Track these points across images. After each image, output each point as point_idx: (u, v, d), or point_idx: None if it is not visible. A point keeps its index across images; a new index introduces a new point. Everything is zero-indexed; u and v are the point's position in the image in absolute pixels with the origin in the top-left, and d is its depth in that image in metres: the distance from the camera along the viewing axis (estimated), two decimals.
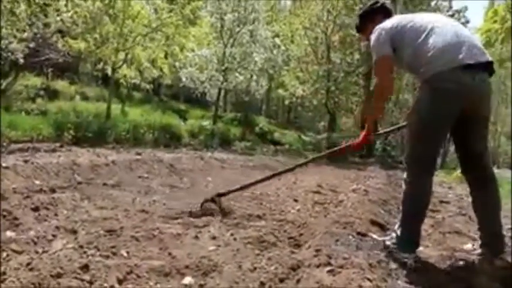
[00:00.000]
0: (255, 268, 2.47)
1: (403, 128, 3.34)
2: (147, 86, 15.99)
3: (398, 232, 2.86)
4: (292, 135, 16.04)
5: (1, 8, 8.80)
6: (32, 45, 11.10)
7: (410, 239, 2.83)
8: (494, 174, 2.91)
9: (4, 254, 2.31)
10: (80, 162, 5.62)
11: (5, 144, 7.67)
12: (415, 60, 2.84)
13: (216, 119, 16.01)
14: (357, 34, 4.18)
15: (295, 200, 4.61)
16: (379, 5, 3.35)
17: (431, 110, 2.72)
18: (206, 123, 15.54)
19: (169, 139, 12.38)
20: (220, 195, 3.86)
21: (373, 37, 3.03)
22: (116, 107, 13.71)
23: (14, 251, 2.37)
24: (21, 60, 10.51)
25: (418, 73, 2.86)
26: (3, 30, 8.99)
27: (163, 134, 12.23)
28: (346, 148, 3.61)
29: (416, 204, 2.83)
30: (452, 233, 3.82)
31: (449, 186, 8.32)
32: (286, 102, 18.22)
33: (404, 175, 2.88)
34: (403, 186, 2.90)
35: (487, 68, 2.74)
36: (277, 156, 11.94)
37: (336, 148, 4.09)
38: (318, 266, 2.45)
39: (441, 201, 5.53)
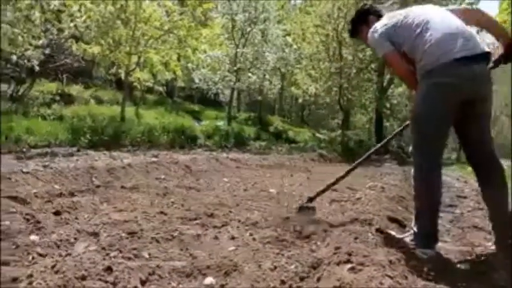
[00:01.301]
0: (275, 267, 2.49)
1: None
2: (161, 89, 16.10)
3: (415, 229, 2.86)
4: (306, 133, 15.99)
5: (16, 15, 8.94)
6: (47, 51, 11.27)
7: (427, 234, 2.81)
8: (500, 164, 2.90)
9: (30, 257, 2.37)
10: (97, 166, 5.69)
11: (24, 149, 7.79)
12: (412, 56, 2.88)
13: (230, 119, 16.05)
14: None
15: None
16: (368, 6, 3.49)
17: (430, 105, 2.75)
18: (220, 123, 15.59)
19: (185, 140, 12.45)
20: (311, 199, 3.90)
21: (370, 38, 3.09)
22: (130, 110, 13.81)
23: (39, 254, 2.42)
24: (37, 67, 10.68)
25: (415, 68, 2.88)
26: (20, 38, 9.12)
27: (178, 136, 12.30)
28: None
29: (428, 199, 2.80)
30: (471, 228, 3.81)
31: (465, 180, 8.26)
32: (300, 100, 18.20)
33: (412, 171, 2.88)
34: (412, 182, 2.88)
35: (485, 58, 2.73)
36: (293, 155, 11.92)
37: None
38: (338, 264, 2.45)
39: (458, 196, 5.50)
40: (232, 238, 3.02)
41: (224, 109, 18.66)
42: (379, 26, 3.05)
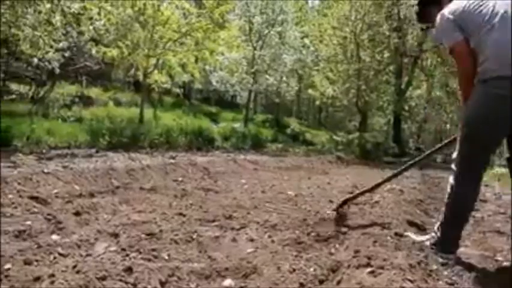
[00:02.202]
0: (294, 270, 2.48)
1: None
2: (178, 91, 16.17)
3: (439, 233, 2.80)
4: (323, 136, 15.94)
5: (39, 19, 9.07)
6: (67, 54, 11.41)
7: (451, 240, 2.77)
8: None
9: (51, 257, 2.40)
10: (116, 167, 5.74)
11: (44, 150, 7.89)
12: (475, 53, 2.55)
13: (247, 121, 16.08)
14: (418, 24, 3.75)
15: (331, 201, 4.59)
16: None
17: (483, 115, 2.52)
18: (237, 125, 15.62)
19: (202, 142, 12.49)
20: (345, 202, 3.91)
21: (437, 24, 2.73)
22: (148, 112, 13.90)
23: (60, 254, 2.45)
24: (58, 70, 10.81)
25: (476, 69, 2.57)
26: (40, 40, 9.25)
27: (195, 138, 12.34)
28: None
29: (460, 208, 2.73)
30: (492, 232, 3.75)
31: (486, 184, 8.13)
32: (317, 102, 18.14)
33: (451, 178, 2.74)
34: (448, 189, 2.76)
35: None
36: (310, 157, 11.88)
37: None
38: (357, 267, 2.44)
39: (479, 200, 5.41)
40: (251, 240, 3.03)
41: (241, 111, 18.69)
42: (452, 8, 2.64)
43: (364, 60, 16.01)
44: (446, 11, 2.65)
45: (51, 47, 10.03)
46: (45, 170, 4.78)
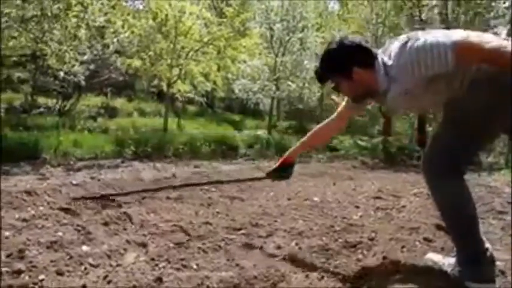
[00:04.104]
0: (323, 277, 2.48)
1: None
2: (201, 99, 16.30)
3: (460, 257, 2.35)
4: (347, 141, 15.81)
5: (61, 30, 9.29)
6: (92, 67, 11.65)
7: (474, 259, 2.29)
8: None
9: (83, 268, 2.44)
10: (143, 177, 5.81)
11: (71, 162, 8.05)
12: None
13: (270, 128, 16.09)
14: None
15: (357, 207, 4.56)
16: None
17: (484, 111, 2.19)
18: (261, 132, 15.65)
19: (226, 150, 12.52)
20: None
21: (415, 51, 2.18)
22: (171, 121, 14.07)
23: (91, 264, 2.49)
24: (83, 82, 11.06)
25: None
26: (66, 54, 9.47)
27: (219, 146, 12.39)
28: None
29: (465, 212, 2.30)
30: None
31: None
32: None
33: (430, 183, 2.37)
34: (435, 197, 2.38)
35: None
36: (333, 163, 11.80)
37: None
38: (386, 274, 2.43)
39: (509, 202, 5.30)
40: (278, 247, 3.03)
41: (264, 118, 18.72)
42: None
43: None
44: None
45: (77, 60, 10.25)
46: (74, 182, 4.87)
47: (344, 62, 2.47)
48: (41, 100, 12.94)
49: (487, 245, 2.33)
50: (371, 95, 2.58)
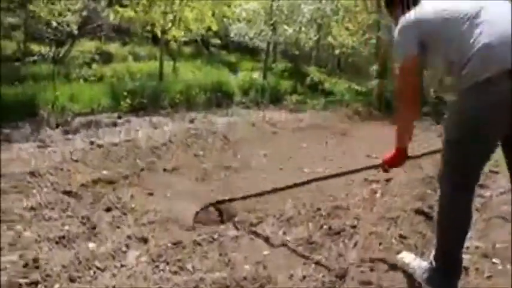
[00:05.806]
0: (304, 277, 2.76)
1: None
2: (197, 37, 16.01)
3: (434, 263, 2.41)
4: (342, 85, 15.88)
5: None
6: (84, 13, 11.49)
7: (448, 271, 2.37)
8: None
9: (91, 272, 2.69)
10: (140, 145, 6.00)
11: (69, 119, 8.19)
12: (453, 59, 2.24)
13: (266, 72, 16.04)
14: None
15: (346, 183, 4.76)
16: None
17: (476, 123, 2.17)
18: (256, 75, 15.64)
19: (221, 98, 12.59)
20: None
21: (396, 30, 2.46)
22: (167, 64, 13.99)
23: (98, 267, 2.74)
24: (76, 32, 10.96)
25: (457, 76, 2.23)
26: (58, 6, 9.34)
27: (214, 94, 12.45)
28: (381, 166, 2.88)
29: (458, 229, 2.34)
30: None
31: None
32: (336, 52, 17.82)
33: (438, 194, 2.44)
34: (438, 208, 2.43)
35: None
36: (327, 111, 11.91)
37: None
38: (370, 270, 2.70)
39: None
40: (267, 240, 3.30)
41: (261, 57, 18.55)
42: (417, 14, 2.38)
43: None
44: (411, 16, 2.41)
45: (69, 10, 10.12)
46: (74, 158, 5.05)
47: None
48: (34, 47, 12.80)
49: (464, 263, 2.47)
50: None
